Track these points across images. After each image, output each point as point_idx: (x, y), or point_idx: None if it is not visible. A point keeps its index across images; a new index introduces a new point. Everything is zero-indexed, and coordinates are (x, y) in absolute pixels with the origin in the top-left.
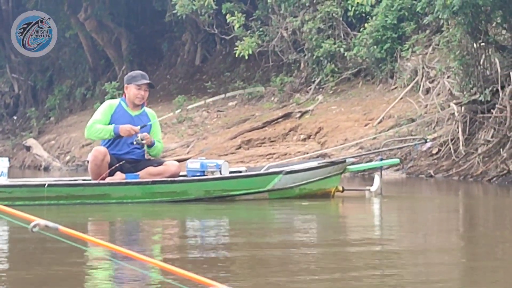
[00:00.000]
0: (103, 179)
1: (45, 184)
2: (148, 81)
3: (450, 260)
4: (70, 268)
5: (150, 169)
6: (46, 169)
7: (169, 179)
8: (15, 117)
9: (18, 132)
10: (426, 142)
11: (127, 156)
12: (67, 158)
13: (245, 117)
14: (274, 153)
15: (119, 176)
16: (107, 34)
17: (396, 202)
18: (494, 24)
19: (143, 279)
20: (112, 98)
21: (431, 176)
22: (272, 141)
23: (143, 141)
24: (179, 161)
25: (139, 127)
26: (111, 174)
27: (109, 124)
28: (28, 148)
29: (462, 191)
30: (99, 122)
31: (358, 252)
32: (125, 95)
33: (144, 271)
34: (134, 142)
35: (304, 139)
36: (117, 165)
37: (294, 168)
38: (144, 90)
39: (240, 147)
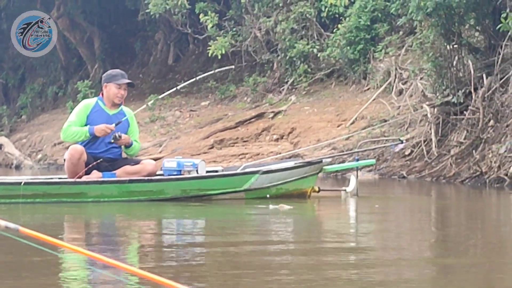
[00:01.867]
0: (80, 177)
1: (21, 182)
2: (129, 81)
3: (422, 259)
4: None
5: (127, 167)
6: (18, 167)
7: (146, 178)
8: None
9: None
10: (402, 142)
11: (104, 155)
12: (39, 156)
13: (218, 117)
14: (246, 153)
15: (95, 175)
16: (79, 32)
17: (371, 203)
18: (467, 26)
19: (109, 282)
20: (84, 96)
21: (404, 177)
22: (244, 141)
23: (121, 139)
24: (154, 159)
25: (113, 124)
26: (88, 172)
27: (85, 124)
28: (0, 146)
29: (436, 192)
30: (74, 124)
31: (332, 252)
32: (102, 94)
33: (113, 275)
34: (112, 141)
35: (277, 139)
36: (94, 163)
37: (271, 168)
38: (123, 89)
39: (212, 147)
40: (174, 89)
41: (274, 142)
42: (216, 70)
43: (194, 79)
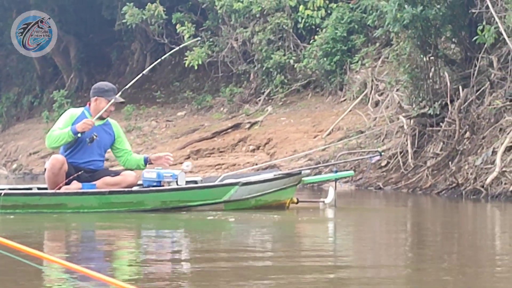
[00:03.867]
0: (59, 188)
1: (1, 193)
2: (122, 100)
3: (398, 265)
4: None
5: (107, 179)
6: None
7: (126, 189)
8: None
9: None
10: (381, 155)
11: (86, 166)
12: (14, 166)
13: (194, 127)
14: (223, 164)
15: (75, 185)
16: (55, 41)
17: (349, 214)
18: (443, 38)
19: None
20: (60, 106)
21: (380, 188)
22: (221, 152)
23: (95, 140)
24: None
25: (94, 118)
26: (68, 183)
27: None
28: None
29: (412, 204)
30: (59, 129)
31: (309, 261)
32: (89, 105)
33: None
34: (88, 141)
35: (253, 150)
36: (75, 175)
37: (251, 180)
38: (113, 106)
39: (189, 157)
40: (140, 75)
41: (251, 153)
42: (182, 45)
43: (153, 65)
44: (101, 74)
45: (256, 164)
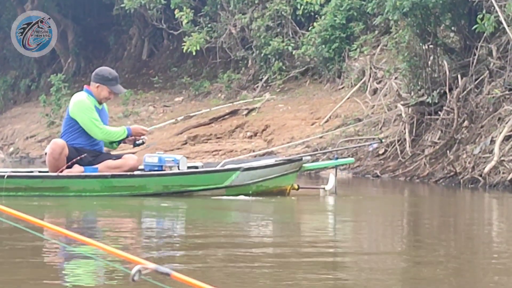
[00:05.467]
0: (61, 171)
1: (4, 176)
2: (125, 90)
3: (395, 252)
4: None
5: (109, 162)
6: None
7: (128, 173)
8: None
9: None
10: (381, 142)
11: (91, 147)
12: (11, 149)
13: (192, 113)
14: (220, 150)
15: (77, 169)
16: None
17: (348, 201)
18: (442, 27)
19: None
20: (57, 90)
21: (378, 176)
22: (218, 138)
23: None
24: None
25: (149, 128)
26: (70, 166)
27: None
28: None
29: (410, 192)
30: (98, 120)
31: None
32: (89, 87)
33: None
34: (137, 142)
35: (250, 137)
36: (78, 158)
37: (252, 165)
38: (113, 95)
39: (186, 143)
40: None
41: (248, 139)
42: None
43: None
44: (98, 58)
45: (253, 151)
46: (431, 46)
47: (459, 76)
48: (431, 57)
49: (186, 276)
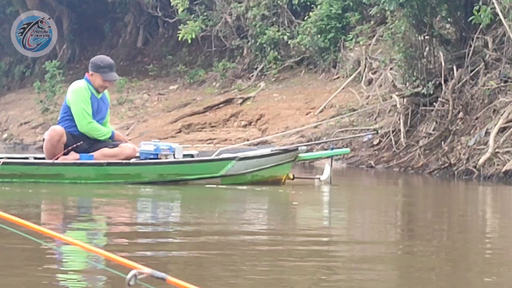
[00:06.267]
0: (57, 159)
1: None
2: (116, 78)
3: (388, 242)
4: None
5: (105, 150)
6: None
7: (124, 161)
8: None
9: None
10: (377, 133)
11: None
12: (5, 136)
13: (186, 101)
14: (214, 138)
15: (73, 156)
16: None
17: (342, 192)
18: (439, 18)
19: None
20: (52, 77)
21: (372, 166)
22: (212, 126)
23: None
24: None
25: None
26: (66, 153)
27: None
28: None
29: (405, 183)
30: (89, 115)
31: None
32: (89, 76)
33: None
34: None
35: (245, 126)
36: (75, 146)
37: (248, 155)
38: (108, 82)
39: (180, 131)
40: None
41: (242, 128)
42: None
43: None
44: (93, 45)
45: (248, 140)
46: (427, 37)
47: (454, 67)
48: (427, 48)
49: (182, 281)
